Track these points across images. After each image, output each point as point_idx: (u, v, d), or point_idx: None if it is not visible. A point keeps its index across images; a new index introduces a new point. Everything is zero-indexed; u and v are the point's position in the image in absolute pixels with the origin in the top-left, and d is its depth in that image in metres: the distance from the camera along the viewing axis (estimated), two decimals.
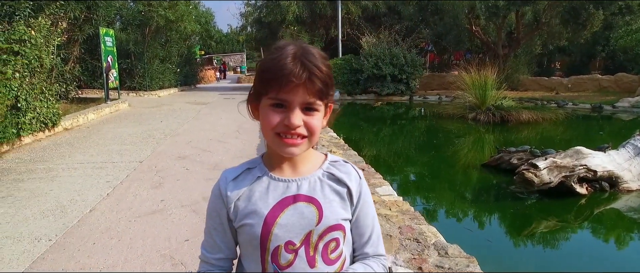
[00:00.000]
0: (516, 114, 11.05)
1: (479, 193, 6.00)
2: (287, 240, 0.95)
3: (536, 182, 4.96)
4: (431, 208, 5.58)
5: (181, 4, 17.14)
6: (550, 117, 11.16)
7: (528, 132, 10.46)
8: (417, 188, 6.52)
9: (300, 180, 1.00)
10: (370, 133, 11.86)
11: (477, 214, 5.27)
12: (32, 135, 7.73)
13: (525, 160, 6.20)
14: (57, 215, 4.15)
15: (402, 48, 18.38)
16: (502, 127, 10.86)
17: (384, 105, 17.58)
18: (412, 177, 7.21)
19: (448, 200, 5.87)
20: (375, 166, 7.52)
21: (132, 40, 17.14)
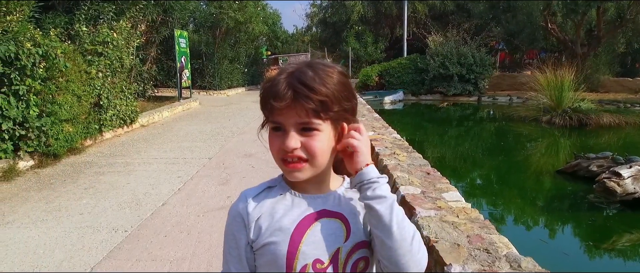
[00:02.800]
0: (596, 117, 10.27)
1: (553, 202, 5.66)
2: (315, 258, 0.89)
3: (619, 191, 4.59)
4: (500, 216, 5.34)
5: (250, 5, 17.65)
6: (634, 121, 10.27)
7: (609, 137, 9.72)
8: (484, 193, 6.26)
9: (325, 196, 0.95)
10: (435, 135, 11.57)
11: (551, 224, 4.97)
12: (112, 131, 8.27)
13: (607, 167, 5.75)
14: (132, 208, 4.40)
15: (471, 47, 17.74)
16: (580, 131, 10.17)
17: (450, 106, 17.07)
18: (480, 181, 6.94)
19: (519, 208, 5.59)
20: (440, 169, 7.31)
21: (204, 41, 17.88)
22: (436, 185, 3.46)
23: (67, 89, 6.56)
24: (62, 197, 4.76)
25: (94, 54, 7.81)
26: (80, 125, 7.01)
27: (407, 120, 14.89)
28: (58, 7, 9.53)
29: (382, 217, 0.86)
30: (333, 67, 0.91)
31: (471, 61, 17.41)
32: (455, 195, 3.16)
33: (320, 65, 0.90)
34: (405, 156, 4.49)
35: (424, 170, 3.95)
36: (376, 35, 22.42)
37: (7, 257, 3.28)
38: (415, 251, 0.89)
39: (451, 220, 2.66)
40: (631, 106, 13.52)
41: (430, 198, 3.14)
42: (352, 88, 0.94)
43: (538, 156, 8.24)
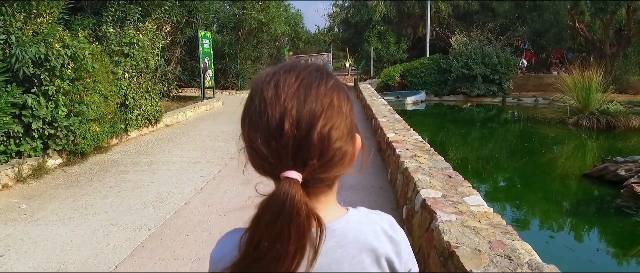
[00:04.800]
0: (625, 119, 9.98)
1: (579, 206, 5.53)
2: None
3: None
4: (523, 220, 5.25)
5: (273, 5, 17.77)
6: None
7: (638, 140, 9.44)
8: (508, 197, 6.16)
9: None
10: (457, 136, 11.44)
11: (577, 230, 4.86)
12: (137, 130, 8.44)
13: (636, 172, 5.60)
14: (156, 206, 4.49)
15: (495, 47, 17.46)
16: (608, 134, 9.90)
17: (474, 107, 16.84)
18: (503, 184, 6.83)
19: (543, 212, 5.48)
20: (463, 172, 7.22)
21: (227, 41, 18.08)
22: (458, 189, 3.42)
23: (94, 89, 6.73)
24: (89, 195, 4.88)
25: (120, 54, 7.99)
26: (107, 124, 7.18)
27: (429, 121, 14.75)
28: (86, 9, 9.77)
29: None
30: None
31: (495, 61, 17.14)
32: (477, 199, 3.11)
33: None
34: (427, 159, 4.46)
35: (445, 173, 3.91)
36: (398, 35, 22.26)
37: (36, 254, 3.39)
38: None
39: (472, 225, 2.63)
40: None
41: (451, 202, 3.11)
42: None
43: (564, 159, 8.06)
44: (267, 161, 0.65)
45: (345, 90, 0.72)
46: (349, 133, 0.68)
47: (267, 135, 0.64)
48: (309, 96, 0.65)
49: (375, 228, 0.73)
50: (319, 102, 0.65)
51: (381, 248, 0.71)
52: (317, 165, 0.64)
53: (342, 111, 0.67)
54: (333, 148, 0.65)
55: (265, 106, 0.65)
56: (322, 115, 0.64)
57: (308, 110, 0.64)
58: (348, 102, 0.70)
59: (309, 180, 0.65)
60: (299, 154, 0.63)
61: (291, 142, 0.63)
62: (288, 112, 0.63)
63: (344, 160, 0.68)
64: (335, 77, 0.71)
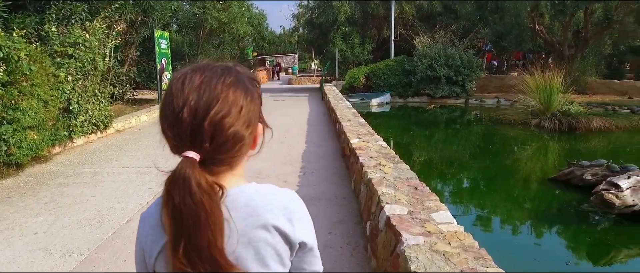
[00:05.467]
0: (586, 120, 10.07)
1: (546, 213, 5.38)
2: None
3: (617, 204, 4.33)
4: (490, 229, 5.05)
5: (234, 5, 17.25)
6: (624, 125, 10.09)
7: (599, 142, 9.53)
8: (474, 203, 5.97)
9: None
10: (422, 138, 11.30)
11: (545, 238, 4.69)
12: (84, 137, 7.84)
13: (602, 176, 5.51)
14: (93, 226, 4.02)
15: (459, 48, 17.55)
16: (570, 136, 9.97)
17: (438, 108, 16.86)
18: (468, 189, 6.64)
19: (510, 219, 5.30)
20: (427, 176, 7.03)
21: (187, 42, 17.43)
22: (425, 203, 3.14)
23: (32, 93, 6.13)
24: (19, 212, 4.35)
25: (63, 55, 7.38)
26: (47, 131, 6.58)
27: (394, 122, 14.63)
28: (28, 7, 9.07)
29: None
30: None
31: (459, 63, 17.22)
32: (446, 215, 2.84)
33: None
34: (391, 168, 4.18)
35: (411, 185, 3.63)
36: (363, 36, 22.12)
37: None
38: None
39: (442, 249, 2.34)
40: (619, 108, 13.40)
41: (418, 220, 2.82)
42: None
43: (529, 162, 7.98)
44: (172, 143, 0.79)
45: (244, 86, 0.82)
46: (245, 122, 0.80)
47: (171, 122, 0.77)
48: (206, 90, 0.77)
49: (270, 198, 0.83)
50: (214, 95, 0.77)
51: (270, 212, 0.81)
52: (211, 147, 0.76)
53: (237, 103, 0.79)
54: (226, 134, 0.77)
55: (172, 99, 0.78)
56: (215, 106, 0.76)
57: (204, 102, 0.76)
58: (246, 96, 0.82)
59: (208, 159, 0.77)
60: (195, 138, 0.76)
61: (189, 127, 0.76)
62: (188, 102, 0.76)
63: (240, 145, 0.81)
64: (237, 75, 0.83)
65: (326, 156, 6.82)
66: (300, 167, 6.16)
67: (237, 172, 0.85)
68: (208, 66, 0.82)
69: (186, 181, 0.73)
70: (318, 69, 36.64)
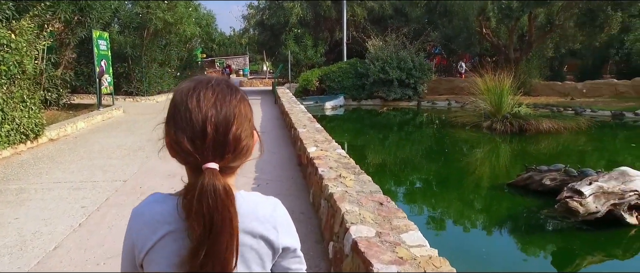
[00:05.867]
0: (536, 123, 10.27)
1: (507, 221, 5.27)
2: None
3: (582, 212, 4.24)
4: (449, 238, 4.86)
5: (181, 5, 16.48)
6: (571, 126, 10.37)
7: (548, 143, 9.72)
8: (430, 210, 5.78)
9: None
10: (376, 141, 11.15)
11: (509, 247, 4.55)
12: (10, 148, 7.05)
13: (560, 181, 5.47)
14: (14, 255, 3.46)
15: (410, 51, 17.67)
16: (521, 138, 10.11)
17: (390, 110, 16.87)
18: (425, 196, 6.46)
19: (473, 229, 5.15)
20: (382, 181, 6.81)
21: (130, 43, 16.48)
22: (393, 222, 2.86)
23: None
24: None
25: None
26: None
27: (348, 125, 14.46)
28: None
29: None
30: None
31: (410, 66, 17.32)
32: (417, 236, 2.56)
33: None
34: (353, 180, 3.88)
35: (376, 200, 3.35)
36: (316, 38, 21.88)
37: None
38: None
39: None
40: (564, 110, 13.87)
41: (388, 243, 2.52)
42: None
43: (486, 167, 7.94)
44: (192, 155, 0.84)
45: (247, 100, 0.93)
46: (250, 132, 0.92)
47: (192, 136, 0.84)
48: (224, 107, 0.86)
49: (255, 207, 0.92)
50: (232, 111, 0.87)
51: (256, 220, 0.90)
52: (231, 157, 0.86)
53: (247, 117, 0.91)
54: (242, 145, 0.88)
55: (190, 114, 0.85)
56: (234, 121, 0.86)
57: (223, 117, 0.86)
58: (250, 109, 0.94)
59: (224, 169, 0.86)
60: (218, 150, 0.84)
61: (212, 141, 0.84)
62: (209, 118, 0.84)
63: (248, 152, 0.92)
64: (241, 91, 0.93)
65: (281, 164, 6.45)
66: (254, 177, 5.76)
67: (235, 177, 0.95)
68: (215, 82, 0.90)
69: (216, 190, 0.81)
70: (270, 71, 36.11)
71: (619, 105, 14.87)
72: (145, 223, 0.90)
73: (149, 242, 0.87)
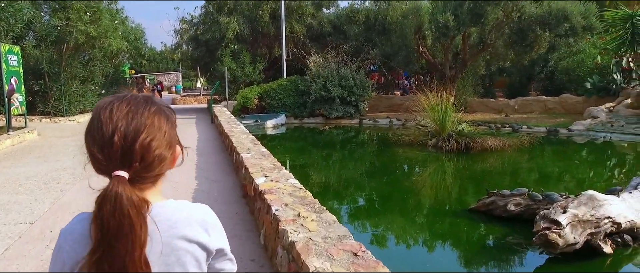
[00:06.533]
0: (481, 141, 10.21)
1: (478, 252, 4.86)
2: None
3: (561, 244, 3.90)
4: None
5: (105, 18, 15.15)
6: (515, 144, 10.42)
7: (495, 161, 9.66)
8: (392, 245, 5.27)
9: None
10: (321, 162, 10.61)
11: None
12: None
13: (525, 206, 5.19)
14: None
15: (351, 69, 17.46)
16: (467, 156, 10.00)
17: (333, 128, 16.48)
18: (381, 225, 5.95)
19: (442, 262, 4.68)
20: (326, 202, 6.25)
21: (47, 58, 14.89)
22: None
23: None
24: None
25: None
26: None
27: (291, 144, 13.85)
28: None
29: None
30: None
31: (352, 83, 17.09)
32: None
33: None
34: (316, 221, 3.27)
35: (347, 249, 2.75)
36: (254, 54, 21.16)
37: None
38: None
39: None
40: (501, 127, 14.14)
41: None
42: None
43: (441, 190, 7.60)
44: (103, 164, 0.89)
45: (165, 114, 0.98)
46: (167, 144, 0.95)
47: (102, 145, 0.89)
48: (135, 118, 0.91)
49: (188, 213, 0.97)
50: (142, 122, 0.91)
51: (189, 225, 0.95)
52: (140, 167, 0.89)
53: (161, 129, 0.94)
54: (153, 155, 0.91)
55: (102, 125, 0.90)
56: (144, 131, 0.90)
57: (133, 128, 0.90)
58: (168, 122, 0.97)
59: (135, 178, 0.89)
60: (125, 159, 0.88)
61: (119, 150, 0.88)
62: (118, 128, 0.89)
63: (163, 164, 0.95)
64: (159, 105, 0.98)
65: (223, 196, 5.69)
66: None
67: (158, 190, 0.99)
68: (131, 97, 0.96)
69: (118, 197, 0.84)
70: (204, 88, 34.76)
71: (551, 121, 15.46)
72: (75, 241, 0.91)
73: (80, 258, 0.88)
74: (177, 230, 0.92)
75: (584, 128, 13.30)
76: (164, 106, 0.99)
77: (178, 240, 0.92)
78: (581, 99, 17.65)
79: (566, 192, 5.51)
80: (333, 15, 22.97)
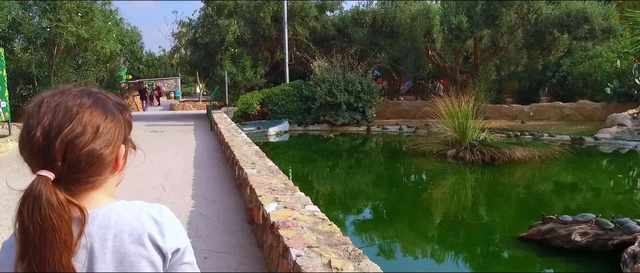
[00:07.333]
0: (509, 151, 9.24)
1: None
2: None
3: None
4: None
5: (98, 19, 14.23)
6: (543, 154, 9.43)
7: (526, 174, 8.71)
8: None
9: None
10: (331, 175, 9.66)
11: None
12: None
13: (594, 236, 4.25)
14: None
15: (358, 73, 16.56)
16: (493, 168, 9.05)
17: (339, 136, 15.55)
18: (415, 257, 5.01)
19: None
20: (343, 226, 5.34)
21: (36, 61, 13.98)
22: None
23: None
24: None
25: None
26: None
27: (294, 152, 12.93)
28: None
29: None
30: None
31: (359, 88, 16.17)
32: None
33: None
34: (350, 267, 2.37)
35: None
36: (255, 58, 20.25)
37: None
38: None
39: None
40: (521, 134, 13.23)
41: None
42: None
43: (478, 211, 6.61)
44: (29, 163, 0.83)
45: (103, 107, 0.88)
46: (104, 142, 0.85)
47: (25, 142, 0.82)
48: (61, 111, 0.82)
49: (140, 213, 0.88)
50: (69, 116, 0.82)
51: (142, 227, 0.86)
52: (64, 167, 0.80)
53: (93, 123, 0.84)
54: (79, 154, 0.81)
55: (28, 119, 0.83)
56: (67, 126, 0.81)
57: (57, 122, 0.81)
58: (105, 116, 0.87)
59: (64, 179, 0.81)
60: (46, 157, 0.80)
61: (41, 147, 0.80)
62: (42, 123, 0.81)
63: (99, 165, 0.85)
64: (97, 98, 0.89)
65: (225, 222, 4.75)
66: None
67: (105, 191, 0.90)
68: (68, 90, 0.87)
69: (36, 198, 0.77)
70: (203, 93, 33.82)
71: (571, 128, 14.55)
72: (10, 247, 0.86)
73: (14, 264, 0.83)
74: (127, 234, 0.85)
75: (611, 136, 12.37)
76: (108, 100, 0.91)
77: (130, 244, 0.84)
78: (600, 105, 16.73)
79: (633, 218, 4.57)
80: (337, 17, 22.07)
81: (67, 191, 0.80)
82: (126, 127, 0.93)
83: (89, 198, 0.85)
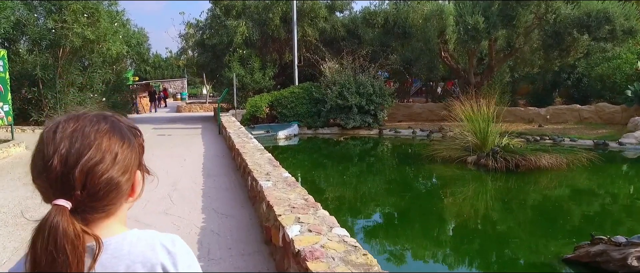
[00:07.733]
0: (534, 158, 8.75)
1: None
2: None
3: None
4: None
5: (104, 20, 13.89)
6: (570, 161, 8.93)
7: (554, 184, 8.21)
8: None
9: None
10: (345, 183, 9.22)
11: None
12: None
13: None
14: None
15: (369, 75, 16.12)
16: (518, 176, 8.57)
17: (350, 140, 15.11)
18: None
19: None
20: (370, 245, 4.91)
21: (41, 63, 13.67)
22: None
23: None
24: None
25: None
26: None
27: (305, 157, 12.51)
28: None
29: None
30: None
31: (370, 91, 15.73)
32: None
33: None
34: None
35: None
36: (263, 60, 19.87)
37: None
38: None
39: None
40: (540, 139, 12.72)
41: None
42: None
43: (510, 226, 6.14)
44: (44, 192, 0.79)
45: (120, 133, 0.85)
46: (121, 169, 0.82)
47: (40, 170, 0.78)
48: (79, 138, 0.79)
49: (153, 243, 0.85)
50: (87, 143, 0.79)
51: (155, 257, 0.83)
52: (83, 195, 0.77)
53: (111, 150, 0.81)
54: (99, 181, 0.78)
55: (43, 146, 0.79)
56: (87, 153, 0.78)
57: (76, 149, 0.77)
58: (123, 143, 0.84)
59: (81, 208, 0.77)
60: (65, 185, 0.76)
61: (59, 175, 0.76)
62: (59, 151, 0.77)
63: (116, 193, 0.82)
64: (113, 123, 0.86)
65: (239, 243, 4.32)
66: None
67: (118, 218, 0.86)
68: (83, 115, 0.85)
69: (53, 229, 0.73)
70: (210, 95, 33.49)
71: (592, 132, 14.03)
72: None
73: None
74: (140, 264, 0.81)
75: (636, 141, 11.82)
76: (123, 125, 0.88)
77: (138, 265, 0.81)
78: (620, 108, 16.16)
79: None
80: (347, 18, 21.65)
81: (82, 220, 0.78)
82: (140, 152, 0.91)
83: (102, 227, 0.83)
